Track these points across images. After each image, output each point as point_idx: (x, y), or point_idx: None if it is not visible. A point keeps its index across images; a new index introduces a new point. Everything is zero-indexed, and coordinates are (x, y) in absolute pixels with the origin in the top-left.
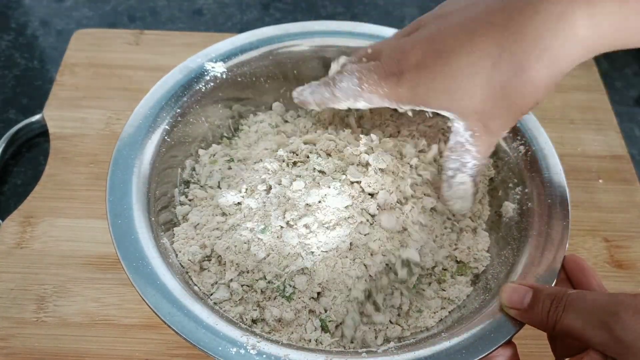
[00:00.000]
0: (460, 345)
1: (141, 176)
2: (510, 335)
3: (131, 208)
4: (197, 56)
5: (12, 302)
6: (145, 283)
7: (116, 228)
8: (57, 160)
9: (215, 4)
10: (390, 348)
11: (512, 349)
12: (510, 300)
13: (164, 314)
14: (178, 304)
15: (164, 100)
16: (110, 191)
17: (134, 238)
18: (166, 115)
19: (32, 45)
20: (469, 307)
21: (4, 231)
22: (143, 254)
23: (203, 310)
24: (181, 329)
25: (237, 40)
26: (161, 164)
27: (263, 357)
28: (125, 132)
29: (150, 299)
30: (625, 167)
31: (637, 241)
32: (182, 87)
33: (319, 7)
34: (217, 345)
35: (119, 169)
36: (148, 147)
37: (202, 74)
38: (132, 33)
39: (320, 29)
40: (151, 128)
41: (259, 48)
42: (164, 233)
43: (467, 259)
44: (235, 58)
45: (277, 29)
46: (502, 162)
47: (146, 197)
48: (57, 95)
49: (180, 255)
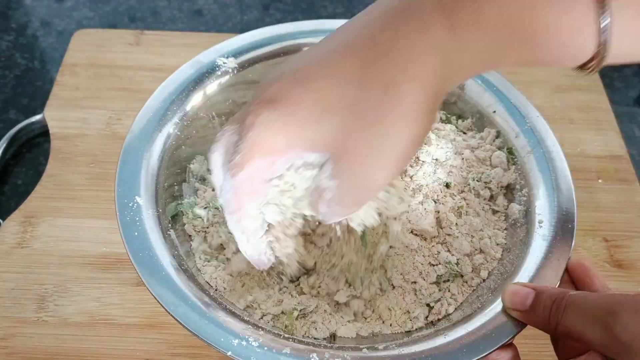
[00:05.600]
0: (461, 343)
1: (150, 169)
2: (511, 336)
3: (139, 199)
4: (209, 51)
5: (13, 302)
6: (150, 274)
7: (123, 218)
8: (58, 160)
9: (215, 4)
10: (391, 345)
11: (513, 351)
12: (513, 301)
13: (168, 305)
14: (182, 296)
15: (175, 94)
16: (119, 182)
17: (141, 229)
18: (176, 110)
19: (32, 45)
20: (472, 306)
21: (4, 231)
22: (149, 244)
23: (207, 302)
24: (184, 319)
25: (249, 37)
26: (170, 158)
27: (264, 350)
28: (135, 125)
29: (154, 290)
30: (625, 167)
31: (636, 241)
32: (193, 82)
33: (319, 8)
34: (219, 337)
35: (129, 161)
36: (158, 141)
37: (214, 69)
38: (132, 33)
39: (333, 27)
40: (161, 122)
41: (271, 45)
42: (171, 225)
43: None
44: (247, 54)
45: (289, 27)
46: (510, 163)
47: (154, 190)
48: (57, 95)
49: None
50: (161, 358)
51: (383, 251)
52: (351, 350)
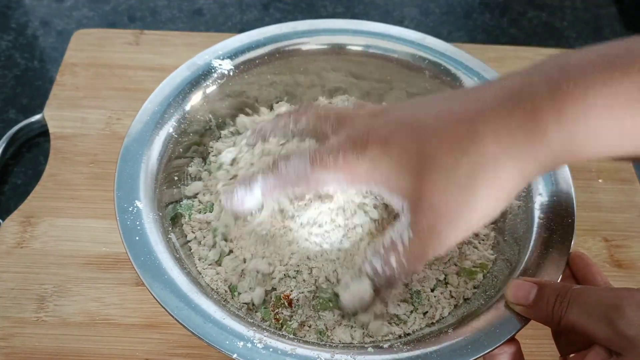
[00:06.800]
0: (465, 340)
1: (149, 171)
2: (515, 331)
3: (139, 203)
4: (204, 53)
5: (13, 302)
6: (152, 277)
7: (124, 222)
8: (58, 160)
9: (215, 4)
10: (396, 343)
11: (515, 345)
12: (516, 296)
13: (171, 308)
14: (185, 298)
15: (171, 96)
16: (118, 186)
17: (142, 233)
18: (174, 112)
19: (32, 45)
20: (474, 303)
21: (4, 231)
22: (150, 248)
23: (210, 304)
24: (188, 322)
25: (244, 38)
26: (169, 160)
27: (270, 351)
28: (133, 128)
29: (157, 293)
30: (625, 167)
31: (636, 241)
32: (190, 84)
33: (319, 7)
34: (224, 339)
35: (127, 164)
36: (156, 143)
37: (210, 71)
38: (132, 33)
39: (328, 27)
40: (159, 124)
41: (266, 46)
42: (171, 228)
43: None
44: (243, 55)
45: (284, 27)
46: None
47: (154, 193)
48: (57, 95)
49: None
50: (161, 358)
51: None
52: (357, 350)
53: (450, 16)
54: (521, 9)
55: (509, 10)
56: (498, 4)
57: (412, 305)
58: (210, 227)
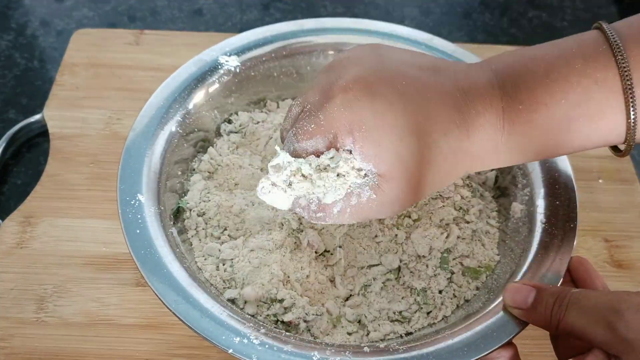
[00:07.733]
0: (461, 342)
1: (152, 166)
2: (513, 334)
3: (141, 197)
4: (211, 49)
5: (12, 302)
6: (151, 271)
7: (125, 215)
8: (57, 160)
9: (215, 4)
10: (392, 344)
11: (512, 349)
12: (514, 299)
13: (169, 302)
14: (184, 293)
15: (177, 92)
16: (121, 180)
17: (143, 226)
18: (179, 107)
19: (32, 45)
20: (474, 305)
21: (4, 231)
22: (151, 242)
23: (208, 300)
24: (186, 316)
25: (252, 35)
26: (172, 156)
27: (265, 347)
28: (137, 123)
29: (156, 286)
30: (625, 167)
31: (637, 241)
32: (196, 80)
33: (319, 7)
34: (220, 335)
35: (131, 158)
36: (160, 138)
37: (216, 67)
38: (132, 33)
39: (335, 25)
40: (163, 120)
41: (273, 43)
42: (172, 223)
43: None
44: (249, 52)
45: (291, 25)
46: None
47: (156, 187)
48: (57, 95)
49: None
50: (161, 358)
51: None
52: (352, 349)
53: (450, 16)
54: (521, 9)
55: (509, 10)
56: (498, 4)
57: (417, 304)
58: (211, 223)
